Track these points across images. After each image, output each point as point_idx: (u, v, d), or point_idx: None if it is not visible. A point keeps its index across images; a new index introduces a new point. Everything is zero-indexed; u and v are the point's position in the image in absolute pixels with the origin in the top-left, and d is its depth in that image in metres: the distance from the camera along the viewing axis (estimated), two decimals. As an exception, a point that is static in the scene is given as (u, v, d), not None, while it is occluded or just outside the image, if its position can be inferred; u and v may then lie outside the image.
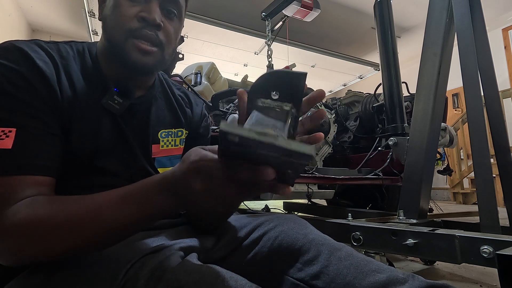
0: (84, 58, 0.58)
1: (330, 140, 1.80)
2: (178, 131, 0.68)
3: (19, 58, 0.49)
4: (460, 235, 0.76)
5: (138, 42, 0.55)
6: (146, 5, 0.55)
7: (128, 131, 0.59)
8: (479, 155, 0.94)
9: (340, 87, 5.79)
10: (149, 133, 0.63)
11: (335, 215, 1.63)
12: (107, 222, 0.41)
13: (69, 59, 0.55)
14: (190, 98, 0.75)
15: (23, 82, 0.47)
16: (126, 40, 0.54)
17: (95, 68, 0.58)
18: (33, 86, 0.48)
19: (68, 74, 0.53)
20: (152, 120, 0.63)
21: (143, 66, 0.56)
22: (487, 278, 1.28)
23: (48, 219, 0.41)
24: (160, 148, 0.65)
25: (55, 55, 0.53)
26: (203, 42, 3.96)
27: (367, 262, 0.49)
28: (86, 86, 0.55)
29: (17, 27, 4.15)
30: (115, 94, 0.57)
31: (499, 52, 4.75)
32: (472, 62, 1.00)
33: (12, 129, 0.45)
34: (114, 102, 0.56)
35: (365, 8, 3.93)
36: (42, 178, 0.46)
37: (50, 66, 0.51)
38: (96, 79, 0.57)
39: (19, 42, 0.51)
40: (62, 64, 0.53)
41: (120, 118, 0.59)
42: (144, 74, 0.62)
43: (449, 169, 1.73)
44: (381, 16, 1.76)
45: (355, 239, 0.96)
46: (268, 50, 2.85)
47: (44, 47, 0.53)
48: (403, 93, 1.71)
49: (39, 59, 0.50)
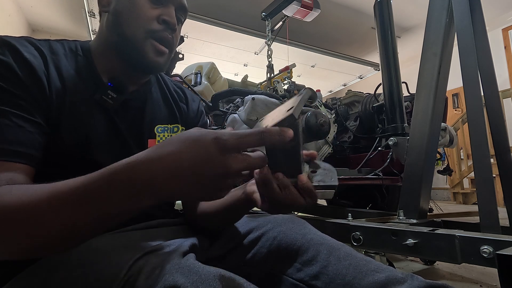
0: (77, 55, 0.58)
1: (330, 140, 1.80)
2: (174, 127, 0.69)
3: (6, 50, 0.49)
4: (460, 235, 0.76)
5: (156, 43, 0.57)
6: (166, 9, 0.57)
7: (122, 125, 0.60)
8: (479, 155, 0.94)
9: (340, 87, 5.79)
10: (144, 128, 0.63)
11: (335, 215, 1.63)
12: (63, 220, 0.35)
13: (60, 55, 0.56)
14: (186, 94, 0.75)
15: (7, 72, 0.48)
16: (145, 40, 0.56)
17: (89, 64, 0.58)
18: (17, 75, 0.48)
19: (58, 69, 0.54)
20: (147, 115, 0.64)
21: (157, 65, 0.59)
22: (487, 278, 1.28)
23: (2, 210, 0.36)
24: (156, 143, 0.65)
25: (45, 50, 0.54)
26: (203, 42, 3.96)
27: (366, 262, 0.49)
28: (78, 81, 0.56)
29: (17, 27, 4.15)
30: (109, 89, 0.57)
31: (499, 52, 4.74)
32: (472, 62, 1.00)
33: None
34: (107, 97, 0.57)
35: (365, 8, 3.93)
36: (18, 165, 0.45)
37: (38, 59, 0.52)
38: (89, 75, 0.57)
39: (9, 38, 0.51)
40: (51, 59, 0.54)
41: (114, 113, 0.59)
42: (153, 73, 0.64)
43: (449, 169, 1.73)
44: (381, 16, 1.76)
45: (355, 239, 0.96)
46: (268, 50, 2.84)
47: (33, 43, 0.54)
48: (403, 93, 1.71)
49: (27, 52, 0.51)
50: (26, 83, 0.49)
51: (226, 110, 1.47)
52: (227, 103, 1.69)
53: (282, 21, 3.24)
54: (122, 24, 0.56)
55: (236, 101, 1.51)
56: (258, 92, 1.35)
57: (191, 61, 2.27)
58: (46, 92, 0.51)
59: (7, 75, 0.48)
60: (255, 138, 0.35)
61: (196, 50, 4.18)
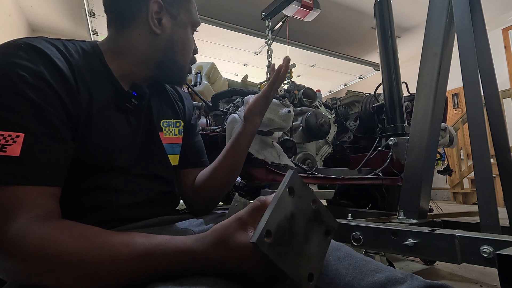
0: (89, 56, 0.57)
1: (330, 140, 1.80)
2: (176, 122, 0.72)
3: (35, 56, 0.46)
4: (460, 235, 0.76)
5: (190, 66, 0.70)
6: (193, 39, 0.70)
7: (139, 126, 0.61)
8: (479, 155, 0.94)
9: (340, 87, 5.79)
10: (155, 124, 0.65)
11: (335, 215, 1.63)
12: (123, 276, 0.38)
13: (76, 57, 0.54)
14: (179, 92, 0.79)
15: (40, 83, 0.44)
16: (187, 64, 0.69)
17: (104, 67, 0.58)
18: (51, 87, 0.45)
19: (80, 73, 0.52)
20: (154, 111, 0.66)
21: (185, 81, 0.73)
22: (487, 278, 1.28)
23: (58, 257, 0.37)
24: (164, 136, 0.68)
25: (65, 51, 0.51)
26: (203, 42, 3.96)
27: (366, 262, 0.49)
28: (97, 85, 0.55)
29: (17, 27, 4.15)
30: (132, 97, 0.59)
31: (499, 52, 4.74)
32: (472, 62, 1.00)
33: (20, 134, 0.41)
34: (130, 104, 0.59)
35: (365, 8, 3.93)
36: (49, 188, 0.44)
37: (65, 64, 0.49)
38: (104, 78, 0.57)
39: (30, 39, 0.48)
40: (73, 62, 0.51)
41: (131, 115, 0.60)
42: (181, 85, 0.82)
43: (449, 169, 1.73)
44: (381, 16, 1.76)
45: (355, 239, 0.96)
46: (268, 50, 2.85)
47: (53, 43, 0.51)
48: (403, 93, 1.71)
49: (55, 56, 0.48)
50: (61, 94, 0.46)
51: (226, 110, 1.47)
52: (227, 103, 1.69)
53: (282, 21, 3.24)
54: (176, 52, 0.65)
55: (236, 101, 1.51)
56: (258, 92, 1.35)
57: (191, 61, 2.26)
58: (77, 101, 0.49)
59: (41, 86, 0.44)
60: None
61: (196, 50, 4.17)
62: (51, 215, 0.43)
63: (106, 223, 0.48)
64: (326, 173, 1.48)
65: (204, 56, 4.29)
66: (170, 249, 0.39)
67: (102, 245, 0.39)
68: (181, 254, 0.38)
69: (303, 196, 0.39)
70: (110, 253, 0.38)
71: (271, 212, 0.35)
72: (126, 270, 0.38)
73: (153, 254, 0.38)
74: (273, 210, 0.35)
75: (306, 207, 0.39)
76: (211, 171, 0.73)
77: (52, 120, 0.45)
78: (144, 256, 0.38)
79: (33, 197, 0.41)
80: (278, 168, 1.36)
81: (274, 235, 0.34)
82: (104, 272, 0.38)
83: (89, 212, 0.53)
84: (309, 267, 0.37)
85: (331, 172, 1.51)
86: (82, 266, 0.37)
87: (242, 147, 0.73)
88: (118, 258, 0.38)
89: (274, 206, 0.36)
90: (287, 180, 0.39)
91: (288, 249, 0.36)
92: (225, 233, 0.38)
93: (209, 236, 0.39)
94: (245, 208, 0.40)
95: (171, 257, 0.38)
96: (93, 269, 0.37)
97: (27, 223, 0.39)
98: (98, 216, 0.53)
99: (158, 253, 0.38)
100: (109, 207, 0.55)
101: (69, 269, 0.37)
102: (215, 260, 0.38)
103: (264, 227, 0.34)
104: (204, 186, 0.73)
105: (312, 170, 1.44)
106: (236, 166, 0.74)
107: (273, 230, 0.35)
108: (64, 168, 0.47)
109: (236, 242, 0.37)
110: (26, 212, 0.40)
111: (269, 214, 0.35)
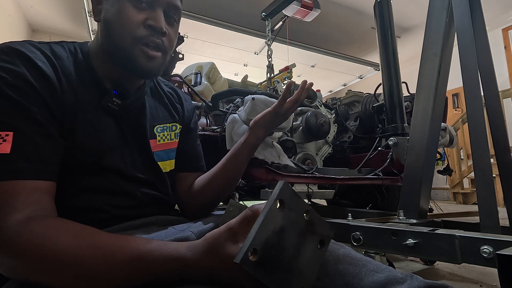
0: (77, 58, 0.57)
1: (330, 140, 1.80)
2: (173, 125, 0.71)
3: (17, 59, 0.47)
4: (460, 235, 0.76)
5: (146, 49, 0.56)
6: (152, 12, 0.56)
7: (127, 129, 0.60)
8: (479, 155, 0.94)
9: (340, 87, 5.79)
10: (147, 129, 0.64)
11: (335, 215, 1.63)
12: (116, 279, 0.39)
13: (63, 59, 0.54)
14: (179, 94, 0.77)
15: (22, 84, 0.46)
16: (134, 46, 0.55)
17: (89, 68, 0.58)
18: (33, 87, 0.47)
19: (65, 75, 0.53)
20: (147, 117, 0.65)
21: (149, 70, 0.58)
22: (487, 278, 1.28)
23: (54, 255, 0.38)
24: (157, 143, 0.67)
25: (50, 55, 0.52)
26: (203, 42, 3.96)
27: (366, 262, 0.49)
28: (84, 87, 0.55)
29: (17, 27, 4.15)
30: (113, 96, 0.57)
31: (499, 52, 4.74)
32: (472, 62, 1.00)
33: (9, 132, 0.43)
34: (113, 104, 0.57)
35: (365, 8, 3.93)
36: (42, 183, 0.45)
37: (49, 66, 0.51)
38: (90, 79, 0.57)
39: (13, 43, 0.49)
40: (58, 65, 0.52)
41: (119, 118, 0.59)
42: (148, 77, 0.64)
43: (449, 169, 1.73)
44: (381, 16, 1.76)
45: (355, 239, 0.96)
46: (268, 50, 2.84)
47: (38, 47, 0.52)
48: (403, 93, 1.71)
49: (38, 59, 0.49)
50: (43, 95, 0.47)
51: (226, 110, 1.47)
52: (227, 103, 1.69)
53: (282, 21, 3.24)
54: (112, 32, 0.56)
55: (236, 101, 1.51)
56: (258, 92, 1.35)
57: (191, 61, 2.26)
58: (60, 101, 0.50)
59: (23, 87, 0.46)
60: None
61: (196, 50, 4.18)
62: (47, 212, 0.43)
63: (99, 223, 0.49)
64: (326, 173, 1.48)
65: (204, 56, 4.29)
66: (162, 255, 0.39)
67: (97, 246, 0.39)
68: (174, 261, 0.39)
69: (294, 207, 0.38)
70: (104, 254, 0.39)
71: (258, 229, 0.34)
72: (119, 272, 0.39)
73: (146, 258, 0.39)
74: (260, 226, 0.34)
75: (298, 219, 0.38)
76: (208, 178, 0.72)
77: (37, 118, 0.46)
78: (137, 260, 0.39)
79: (27, 192, 0.42)
80: (278, 168, 1.36)
81: (261, 252, 0.33)
82: (98, 273, 0.38)
83: (82, 212, 0.53)
84: (300, 282, 0.36)
85: (331, 172, 1.51)
86: (76, 265, 0.38)
87: (242, 158, 0.73)
88: (111, 260, 0.39)
89: (262, 222, 0.34)
90: (276, 192, 0.37)
91: (277, 266, 0.34)
92: (216, 243, 0.38)
93: (200, 244, 0.39)
94: (237, 217, 0.40)
95: (163, 263, 0.39)
96: (87, 269, 0.38)
97: (23, 219, 0.40)
98: (90, 216, 0.53)
99: (151, 258, 0.39)
100: (103, 208, 0.55)
101: (64, 267, 0.38)
102: (206, 269, 0.38)
103: (250, 246, 0.33)
104: (200, 192, 0.72)
105: (312, 170, 1.44)
106: (234, 176, 0.74)
107: (260, 247, 0.33)
108: (55, 164, 0.48)
109: (226, 253, 0.37)
110: (21, 207, 0.41)
111: (255, 231, 0.33)
